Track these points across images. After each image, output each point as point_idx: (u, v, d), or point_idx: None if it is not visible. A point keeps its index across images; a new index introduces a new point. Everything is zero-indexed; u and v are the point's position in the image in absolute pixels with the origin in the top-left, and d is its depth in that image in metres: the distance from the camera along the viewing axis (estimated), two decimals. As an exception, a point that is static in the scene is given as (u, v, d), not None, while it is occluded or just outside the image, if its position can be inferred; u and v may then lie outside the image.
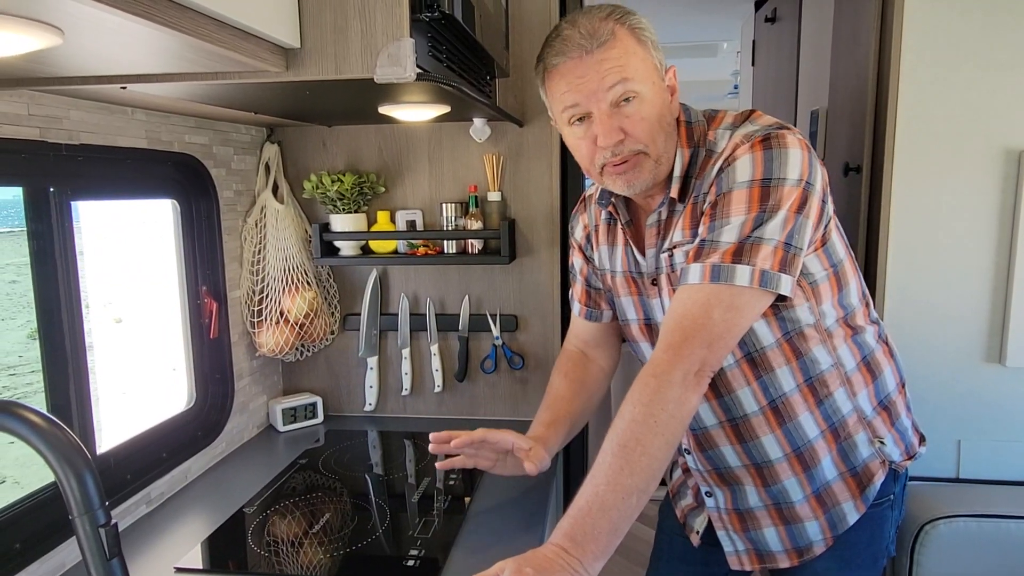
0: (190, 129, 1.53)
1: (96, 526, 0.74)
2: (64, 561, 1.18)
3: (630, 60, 1.06)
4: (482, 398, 1.90)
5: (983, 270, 1.68)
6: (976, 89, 1.63)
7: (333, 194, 1.75)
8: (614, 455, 1.02)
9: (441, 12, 1.01)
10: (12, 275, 7.85)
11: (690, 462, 1.32)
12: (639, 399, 1.03)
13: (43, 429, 0.74)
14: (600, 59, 1.05)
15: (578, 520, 1.01)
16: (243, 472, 1.58)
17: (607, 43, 1.06)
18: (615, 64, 1.05)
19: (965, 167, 1.65)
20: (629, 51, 1.07)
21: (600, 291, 1.39)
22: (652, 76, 1.09)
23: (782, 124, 1.11)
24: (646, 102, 1.08)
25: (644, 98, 1.08)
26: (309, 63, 0.95)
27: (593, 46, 1.06)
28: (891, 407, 1.27)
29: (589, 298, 1.41)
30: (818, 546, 1.26)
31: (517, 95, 1.75)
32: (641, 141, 1.09)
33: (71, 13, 0.65)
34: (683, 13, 3.92)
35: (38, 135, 1.13)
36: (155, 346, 1.65)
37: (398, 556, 1.21)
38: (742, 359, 1.18)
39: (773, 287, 1.03)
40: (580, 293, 1.42)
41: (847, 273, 1.20)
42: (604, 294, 1.38)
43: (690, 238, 1.13)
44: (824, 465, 1.23)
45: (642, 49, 1.09)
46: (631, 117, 1.08)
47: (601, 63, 1.05)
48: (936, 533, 1.59)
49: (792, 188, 1.04)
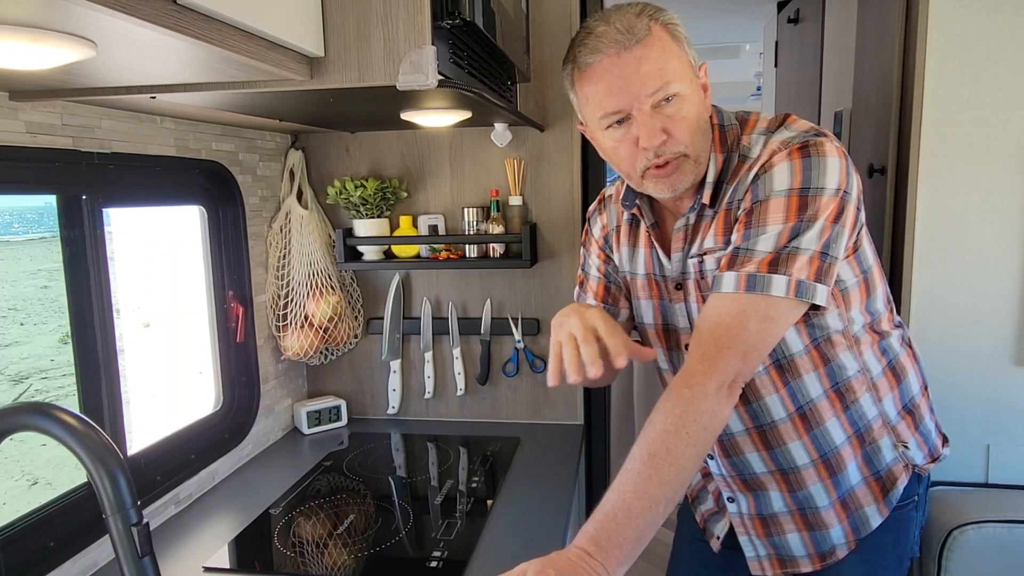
0: (217, 137, 1.56)
1: (128, 525, 0.76)
2: (97, 560, 1.21)
3: (669, 59, 1.04)
4: (504, 401, 1.91)
5: (1011, 272, 1.65)
6: (1004, 89, 1.60)
7: (356, 199, 1.77)
8: (644, 463, 1.01)
9: (462, 19, 1.02)
10: (44, 280, 8.01)
11: (713, 468, 1.31)
12: (672, 409, 1.01)
13: (77, 430, 0.76)
14: (639, 57, 1.02)
15: (604, 525, 1.01)
16: (269, 474, 1.60)
17: (644, 40, 1.03)
18: (656, 65, 1.02)
19: (992, 168, 1.63)
20: (667, 50, 1.04)
21: (621, 289, 1.37)
22: (689, 75, 1.07)
23: (819, 130, 1.09)
24: (687, 101, 1.05)
25: (685, 97, 1.05)
26: (333, 71, 0.96)
27: (631, 42, 1.03)
28: (915, 411, 1.26)
29: (608, 293, 1.38)
30: (840, 550, 1.25)
31: (538, 100, 1.76)
32: (683, 142, 1.06)
33: (104, 27, 0.67)
34: (705, 15, 3.90)
35: (71, 144, 1.16)
36: (182, 350, 1.68)
37: (421, 557, 1.22)
38: (771, 366, 1.17)
39: (809, 297, 1.02)
40: (598, 290, 1.39)
41: (875, 279, 1.18)
42: (624, 293, 1.37)
43: (723, 245, 1.11)
44: (849, 470, 1.21)
45: (678, 47, 1.06)
46: (673, 117, 1.05)
47: (640, 62, 1.02)
48: (964, 539, 1.56)
49: (831, 198, 1.02)
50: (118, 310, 1.35)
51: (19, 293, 7.59)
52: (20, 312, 7.23)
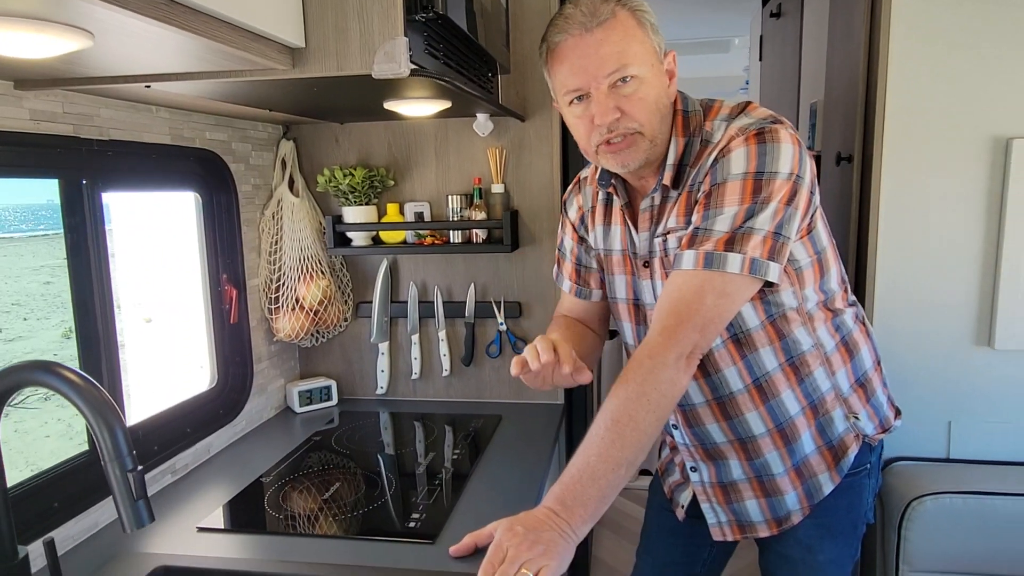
0: (210, 126, 1.63)
1: (125, 471, 0.84)
2: (97, 521, 1.29)
3: (630, 43, 1.10)
4: (488, 381, 1.99)
5: (972, 256, 1.73)
6: (964, 79, 1.68)
7: (345, 187, 1.85)
8: (607, 429, 1.09)
9: (435, 13, 1.10)
10: (47, 276, 8.07)
11: (677, 437, 1.39)
12: (633, 378, 1.09)
13: (80, 386, 0.84)
14: (599, 39, 1.10)
15: (569, 486, 1.09)
16: (261, 448, 1.68)
17: (607, 22, 1.09)
18: (616, 48, 1.09)
19: (954, 156, 1.70)
20: (629, 34, 1.10)
21: (590, 270, 1.44)
22: (651, 59, 1.13)
23: (776, 118, 1.15)
24: (644, 83, 1.11)
25: (642, 79, 1.11)
26: (313, 61, 1.04)
27: (593, 24, 1.10)
28: (867, 384, 1.33)
29: (579, 276, 1.45)
30: (796, 515, 1.33)
31: (519, 90, 1.83)
32: (637, 120, 1.13)
33: (100, 18, 0.75)
34: (694, 11, 3.97)
35: (72, 131, 1.24)
36: (183, 344, 1.75)
37: (402, 518, 1.30)
38: (728, 340, 1.25)
39: (762, 274, 1.09)
40: (571, 272, 1.47)
41: (829, 260, 1.25)
42: (595, 273, 1.43)
43: (684, 225, 1.18)
44: (804, 439, 1.29)
45: (642, 32, 1.12)
46: (629, 97, 1.11)
47: (600, 44, 1.09)
48: (923, 509, 1.64)
49: (784, 182, 1.09)
50: (119, 305, 1.42)
51: (22, 289, 7.68)
52: (23, 307, 7.32)
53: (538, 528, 1.06)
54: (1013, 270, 1.68)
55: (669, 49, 1.18)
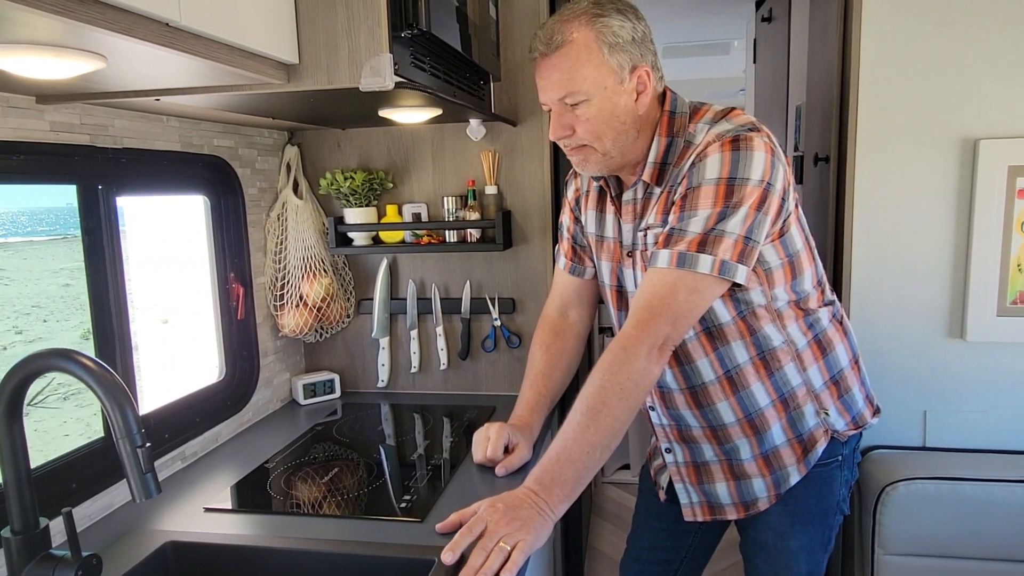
0: (218, 134, 1.74)
1: (135, 447, 0.94)
2: (112, 502, 1.39)
3: (580, 68, 1.18)
4: (483, 374, 2.08)
5: (943, 252, 1.80)
6: (932, 84, 1.75)
7: (346, 190, 1.95)
8: (583, 415, 1.18)
9: (420, 29, 1.19)
10: (66, 279, 8.23)
11: (654, 418, 1.46)
12: (608, 367, 1.18)
13: (95, 371, 0.94)
14: (552, 65, 1.20)
15: (547, 468, 1.18)
16: (267, 437, 1.78)
17: (559, 50, 1.18)
18: (564, 75, 1.19)
19: (924, 156, 1.78)
20: (581, 59, 1.18)
21: (585, 248, 1.52)
22: (605, 81, 1.19)
23: (754, 125, 1.22)
24: (593, 105, 1.20)
25: (592, 102, 1.20)
26: (306, 76, 1.14)
27: (549, 50, 1.19)
28: (842, 382, 1.38)
29: (575, 254, 1.54)
30: (763, 502, 1.39)
31: (510, 96, 1.92)
32: (584, 139, 1.23)
33: (112, 44, 0.85)
34: (691, 15, 4.04)
35: (88, 140, 1.35)
36: (195, 342, 1.85)
37: (396, 500, 1.39)
38: (701, 332, 1.33)
39: (730, 276, 1.17)
40: (567, 249, 1.55)
41: (802, 263, 1.31)
42: (588, 251, 1.51)
43: (661, 223, 1.26)
44: (774, 431, 1.35)
45: (598, 55, 1.18)
46: (578, 117, 1.21)
47: (552, 70, 1.20)
48: (896, 494, 1.71)
49: (754, 188, 1.16)
50: (134, 305, 1.51)
51: (42, 291, 7.85)
52: (43, 309, 7.48)
53: (518, 506, 1.15)
54: (982, 265, 1.75)
55: (640, 64, 1.21)
